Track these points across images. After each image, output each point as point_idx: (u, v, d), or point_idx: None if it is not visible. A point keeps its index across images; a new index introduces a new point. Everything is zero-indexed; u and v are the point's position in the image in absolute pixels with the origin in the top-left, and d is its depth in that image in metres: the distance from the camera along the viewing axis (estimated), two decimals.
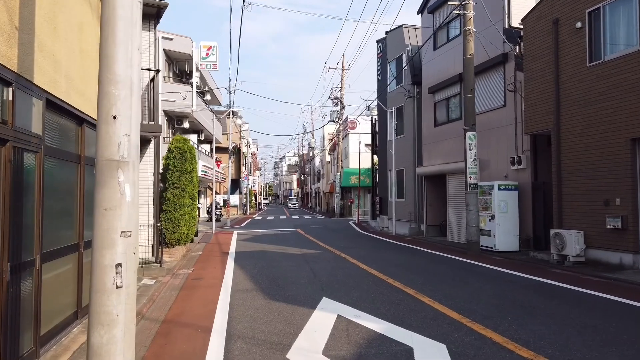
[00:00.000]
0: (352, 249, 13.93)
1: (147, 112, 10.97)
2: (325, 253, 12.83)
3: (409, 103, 20.14)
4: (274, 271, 9.70)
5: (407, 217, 20.05)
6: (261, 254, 12.93)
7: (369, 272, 9.34)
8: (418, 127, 19.67)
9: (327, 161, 51.84)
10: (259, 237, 18.77)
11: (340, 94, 35.15)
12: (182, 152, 12.37)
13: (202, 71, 29.28)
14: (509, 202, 13.01)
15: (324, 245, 14.83)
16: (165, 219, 12.00)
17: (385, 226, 22.45)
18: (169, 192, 12.11)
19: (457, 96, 16.29)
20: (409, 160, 20.34)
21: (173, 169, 12.19)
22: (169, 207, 12.02)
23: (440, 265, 10.64)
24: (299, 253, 12.88)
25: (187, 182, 12.41)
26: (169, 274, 9.46)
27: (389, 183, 22.54)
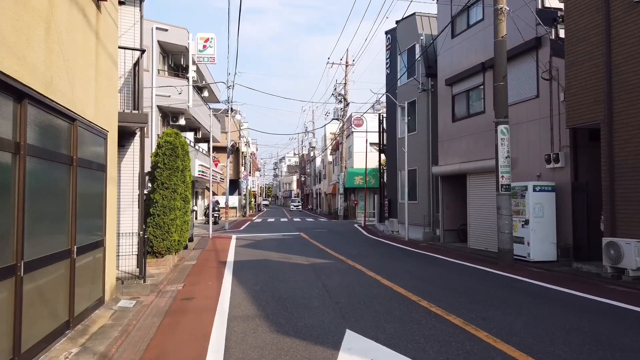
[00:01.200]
0: (365, 257, 12.36)
1: (131, 99, 9.40)
2: (337, 263, 11.26)
3: (422, 97, 18.59)
4: (280, 288, 8.13)
5: (421, 221, 18.48)
6: (263, 263, 11.36)
7: (395, 291, 7.76)
8: (433, 123, 18.11)
9: (329, 161, 50.30)
10: (260, 242, 17.19)
11: (344, 90, 33.62)
12: (173, 148, 10.81)
13: (200, 65, 27.69)
14: (544, 205, 11.45)
15: (333, 253, 13.25)
16: (153, 225, 10.42)
17: (395, 230, 20.88)
18: (158, 194, 10.54)
19: (479, 88, 14.74)
20: (422, 159, 18.78)
21: (162, 167, 10.63)
22: (158, 211, 10.44)
23: (474, 279, 9.07)
24: (307, 263, 11.30)
25: (178, 181, 10.84)
26: (154, 292, 7.88)
27: (399, 184, 20.98)
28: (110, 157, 7.10)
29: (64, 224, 5.30)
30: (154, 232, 10.37)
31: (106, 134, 6.91)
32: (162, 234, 10.43)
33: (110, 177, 7.09)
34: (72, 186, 5.46)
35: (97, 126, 6.42)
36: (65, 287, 5.30)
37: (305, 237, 19.31)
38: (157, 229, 10.41)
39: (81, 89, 5.67)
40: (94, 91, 6.19)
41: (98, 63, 6.39)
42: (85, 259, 5.96)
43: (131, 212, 9.62)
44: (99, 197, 6.65)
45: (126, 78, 9.68)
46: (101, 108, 6.54)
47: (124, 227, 9.50)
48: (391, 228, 21.25)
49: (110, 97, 7.07)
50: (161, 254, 10.48)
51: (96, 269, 6.55)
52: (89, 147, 6.22)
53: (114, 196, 7.40)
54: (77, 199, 5.56)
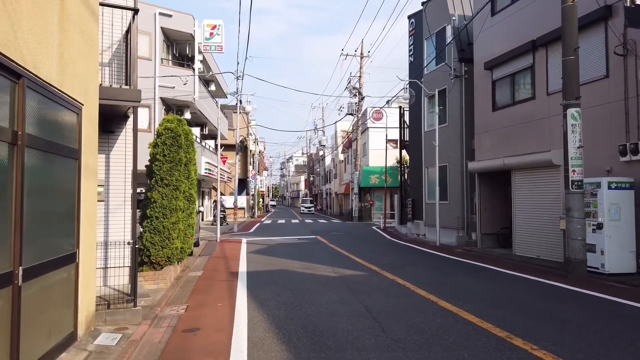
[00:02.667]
0: (403, 268, 10.45)
1: (124, 73, 7.58)
2: (372, 276, 9.35)
3: (454, 85, 16.64)
4: (311, 313, 6.24)
5: (453, 224, 16.54)
6: (282, 275, 9.48)
7: (467, 320, 5.85)
8: (467, 113, 16.17)
9: (340, 160, 48.39)
10: (274, 247, 15.32)
11: (358, 83, 31.68)
12: (175, 136, 8.96)
13: (206, 56, 25.92)
14: (621, 205, 9.49)
15: (362, 262, 11.35)
16: (150, 229, 8.58)
17: (420, 233, 18.94)
18: (156, 192, 8.70)
19: (528, 70, 12.78)
20: (453, 154, 16.83)
21: (162, 160, 8.78)
22: (156, 213, 8.60)
23: (556, 301, 7.13)
24: (335, 275, 9.41)
25: (181, 177, 8.99)
26: (147, 319, 6.02)
27: (426, 182, 19.03)
28: (87, 140, 5.25)
29: (1, 236, 3.45)
30: (152, 238, 8.53)
31: (80, 108, 5.06)
32: (162, 241, 8.58)
33: (87, 168, 5.24)
34: (16, 177, 3.61)
35: (64, 94, 4.57)
36: (4, 329, 3.47)
37: (323, 241, 17.42)
38: (155, 234, 8.56)
39: (32, 34, 3.82)
40: (56, 42, 4.34)
41: (64, 4, 4.54)
42: (41, 283, 4.11)
43: (123, 215, 7.81)
44: (68, 195, 4.81)
45: (116, 50, 7.85)
46: (70, 70, 4.70)
47: (113, 233, 7.70)
48: (416, 231, 19.31)
49: (85, 57, 5.22)
50: (160, 264, 8.63)
51: (63, 294, 4.70)
52: (50, 123, 4.38)
53: (93, 194, 5.55)
54: (25, 196, 3.71)
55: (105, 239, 7.60)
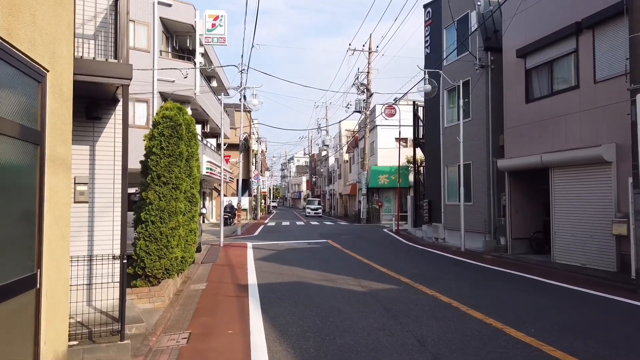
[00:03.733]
0: (438, 280, 9.07)
1: (111, 44, 6.23)
2: (406, 291, 7.96)
3: (479, 76, 15.27)
4: (346, 345, 4.87)
5: (478, 227, 15.16)
6: (300, 289, 8.11)
7: (552, 356, 4.48)
8: (494, 106, 14.81)
9: (344, 160, 47.03)
10: (284, 253, 13.94)
11: (366, 80, 30.31)
12: (175, 126, 7.58)
13: (208, 49, 24.57)
14: None
15: (389, 272, 9.97)
16: (144, 236, 7.21)
17: (439, 237, 17.56)
18: (152, 192, 7.33)
19: (570, 56, 11.42)
20: (478, 151, 15.46)
21: (159, 154, 7.41)
22: (152, 216, 7.23)
23: None
24: (362, 290, 8.02)
25: (182, 174, 7.62)
26: (139, 356, 4.65)
27: (445, 182, 17.66)
28: (55, 120, 3.89)
29: None
30: (147, 246, 7.16)
31: (43, 75, 3.69)
32: (158, 250, 7.21)
33: (55, 158, 3.88)
34: None
35: (16, 50, 3.21)
36: None
37: (336, 245, 16.03)
38: (150, 242, 7.19)
39: None
40: None
41: None
42: None
43: (111, 219, 6.46)
44: (22, 193, 3.44)
45: (102, 22, 6.50)
46: (25, 17, 3.33)
47: (100, 241, 6.35)
48: (434, 234, 17.93)
49: (53, 7, 3.85)
50: (156, 278, 7.26)
51: (16, 332, 3.33)
52: None
53: (65, 193, 4.18)
54: None
55: (89, 251, 6.24)
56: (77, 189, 6.29)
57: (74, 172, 6.30)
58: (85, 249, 6.27)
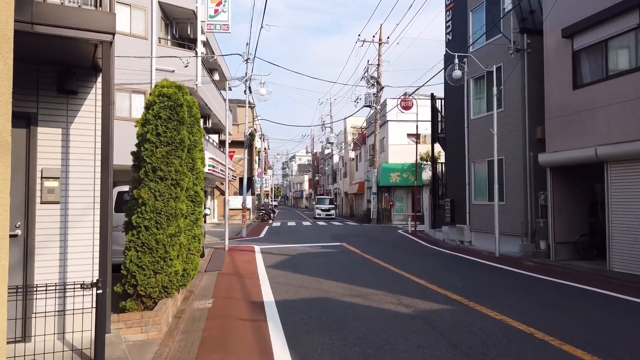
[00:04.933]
0: (492, 295, 7.54)
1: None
2: (462, 312, 6.43)
3: (513, 62, 13.74)
4: None
5: (513, 229, 13.63)
6: (328, 309, 6.59)
7: None
8: (531, 94, 13.29)
9: (350, 158, 45.51)
10: (297, 259, 12.42)
11: (377, 72, 28.76)
12: (174, 107, 6.06)
13: (210, 38, 23.06)
14: None
15: (428, 285, 8.44)
16: (136, 245, 5.69)
17: (465, 240, 16.03)
18: (146, 189, 5.81)
19: (630, 33, 9.89)
20: (512, 145, 13.93)
21: (154, 141, 5.89)
22: (146, 220, 5.71)
23: None
24: (408, 312, 6.49)
25: (183, 167, 6.10)
26: None
27: (471, 179, 16.13)
28: None
29: None
30: (139, 258, 5.64)
31: None
32: (154, 263, 5.69)
33: None
34: None
35: None
36: None
37: (353, 250, 14.50)
38: (144, 252, 5.67)
39: None
40: None
41: None
42: None
43: (92, 226, 4.97)
44: None
45: None
46: None
47: (75, 257, 4.88)
48: (459, 237, 16.39)
49: None
50: (151, 298, 5.74)
51: None
52: None
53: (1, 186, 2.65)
54: None
55: (62, 268, 4.74)
56: (45, 185, 4.78)
57: (40, 163, 4.79)
58: (57, 265, 4.77)
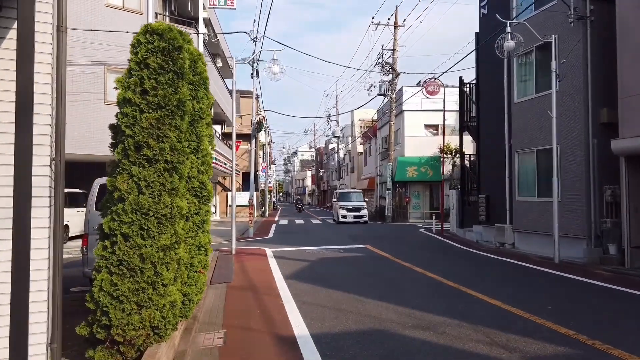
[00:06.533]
0: (612, 327, 5.51)
1: None
2: (591, 357, 4.40)
3: (572, 33, 11.65)
4: None
5: (574, 231, 11.58)
6: (390, 352, 4.55)
7: None
8: (595, 71, 11.22)
9: (358, 152, 43.47)
10: (320, 266, 10.39)
11: (392, 58, 26.64)
12: (169, 51, 3.97)
13: (212, 16, 20.97)
14: None
15: (507, 307, 6.37)
16: (110, 264, 3.63)
17: (506, 242, 13.96)
18: (124, 177, 3.73)
19: None
20: (570, 130, 11.86)
21: (138, 102, 3.79)
22: (124, 224, 3.63)
23: None
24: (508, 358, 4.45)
25: (182, 143, 4.03)
26: None
27: (515, 172, 14.05)
28: None
29: None
30: (114, 285, 3.59)
31: None
32: (137, 291, 3.64)
33: None
34: None
35: None
36: None
37: (382, 254, 12.44)
38: (121, 276, 3.62)
39: None
40: None
41: None
42: None
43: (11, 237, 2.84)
44: None
45: None
46: None
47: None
48: (498, 239, 14.32)
49: None
50: (134, 345, 3.70)
51: None
52: None
53: None
54: None
55: None
56: None
57: None
58: None
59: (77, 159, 14.07)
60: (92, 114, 14.58)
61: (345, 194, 27.85)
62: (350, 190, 32.48)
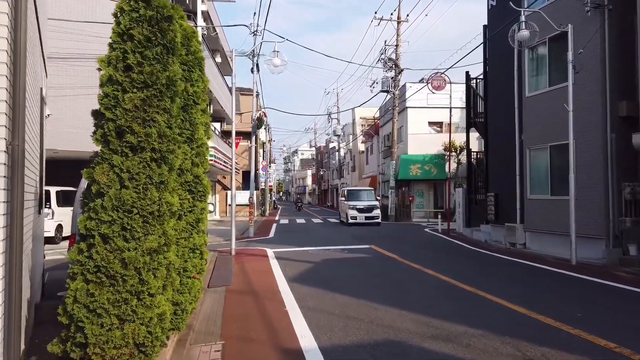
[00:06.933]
0: None
1: None
2: None
3: (589, 23, 11.10)
4: None
5: (591, 231, 11.04)
6: None
7: None
8: (613, 62, 10.67)
9: (359, 150, 42.92)
10: (324, 267, 9.84)
11: (395, 54, 26.09)
12: (157, 21, 3.40)
13: (211, 9, 20.41)
14: None
15: (532, 314, 5.81)
16: (86, 271, 3.07)
17: (518, 242, 13.40)
18: (104, 168, 3.17)
19: None
20: (586, 125, 11.31)
21: (121, 79, 3.24)
22: (104, 224, 3.08)
23: None
24: None
25: (173, 130, 3.46)
26: None
27: (524, 170, 13.51)
28: None
29: None
30: (90, 295, 3.03)
31: None
32: (118, 302, 3.08)
33: None
34: None
35: None
36: None
37: (388, 254, 11.90)
38: (99, 285, 3.06)
39: None
40: None
41: None
42: None
43: None
44: None
45: None
46: None
47: None
48: (509, 238, 13.76)
49: None
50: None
51: None
52: None
53: None
54: None
55: None
56: None
57: None
58: None
59: (70, 156, 13.54)
60: (86, 109, 14.03)
61: (355, 192, 24.73)
62: (361, 187, 28.81)
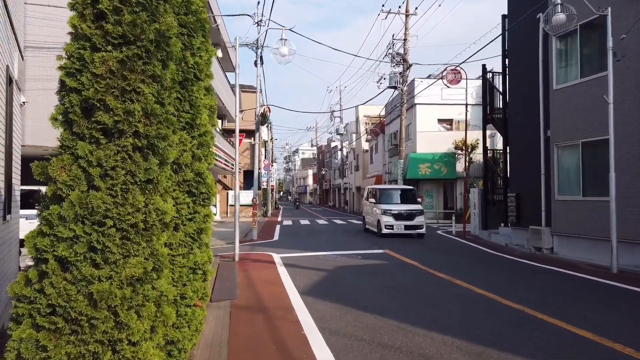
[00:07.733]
0: None
1: None
2: None
3: (628, 5, 10.09)
4: None
5: (631, 235, 10.04)
6: None
7: None
8: None
9: (363, 149, 41.88)
10: (341, 278, 8.83)
11: (403, 49, 25.05)
12: None
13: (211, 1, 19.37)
14: None
15: (605, 342, 4.83)
16: (33, 312, 2.06)
17: (544, 246, 12.39)
18: (64, 160, 2.16)
19: None
20: (625, 119, 10.32)
21: (90, 34, 2.23)
22: (61, 242, 2.06)
23: None
24: None
25: (165, 108, 2.44)
26: None
27: (552, 169, 12.49)
28: None
29: None
30: (40, 348, 2.01)
31: None
32: (80, 358, 2.06)
33: None
34: None
35: None
36: None
37: (408, 261, 10.89)
38: (54, 334, 2.04)
39: None
40: None
41: None
42: None
43: None
44: None
45: None
46: None
47: None
48: (533, 242, 12.75)
49: None
50: None
51: None
52: None
53: None
54: None
55: None
56: None
57: None
58: None
59: None
60: None
61: (390, 193, 18.42)
62: (398, 187, 20.50)
